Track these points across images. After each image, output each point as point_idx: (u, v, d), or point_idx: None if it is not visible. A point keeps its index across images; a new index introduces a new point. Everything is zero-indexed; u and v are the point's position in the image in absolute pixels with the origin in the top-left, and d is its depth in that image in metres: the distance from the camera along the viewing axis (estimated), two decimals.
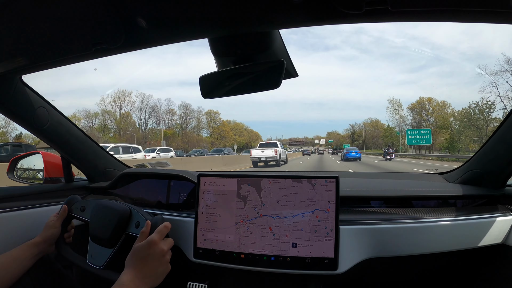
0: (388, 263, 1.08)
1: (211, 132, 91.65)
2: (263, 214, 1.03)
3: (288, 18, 0.72)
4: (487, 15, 0.63)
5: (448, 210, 1.15)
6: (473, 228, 1.06)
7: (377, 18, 0.67)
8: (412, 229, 1.04)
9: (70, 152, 1.51)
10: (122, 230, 1.06)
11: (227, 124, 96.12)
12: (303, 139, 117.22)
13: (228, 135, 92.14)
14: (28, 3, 0.72)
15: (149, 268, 0.90)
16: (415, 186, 1.33)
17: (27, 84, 1.24)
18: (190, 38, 0.83)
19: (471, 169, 1.31)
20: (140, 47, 0.88)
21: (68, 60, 0.97)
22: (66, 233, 1.17)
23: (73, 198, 1.21)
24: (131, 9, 0.73)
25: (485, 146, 1.23)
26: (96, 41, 0.83)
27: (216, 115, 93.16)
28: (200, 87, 0.92)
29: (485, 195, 1.21)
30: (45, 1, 0.72)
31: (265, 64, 0.85)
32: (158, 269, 0.91)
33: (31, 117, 1.27)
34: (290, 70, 0.96)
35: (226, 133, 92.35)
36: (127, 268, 0.90)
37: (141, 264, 0.89)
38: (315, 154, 70.32)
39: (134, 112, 74.05)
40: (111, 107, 71.91)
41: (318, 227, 0.98)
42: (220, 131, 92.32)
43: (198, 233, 1.08)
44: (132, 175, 1.54)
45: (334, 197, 0.99)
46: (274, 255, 1.00)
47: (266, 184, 1.05)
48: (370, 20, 0.68)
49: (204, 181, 1.10)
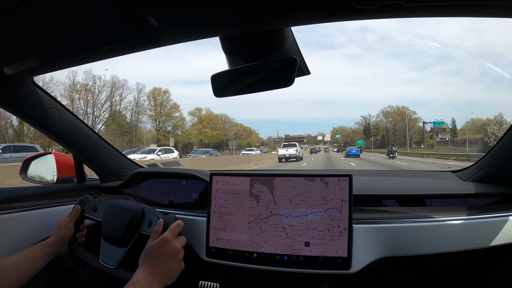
0: (401, 262, 1.06)
1: (157, 124, 65.41)
2: (275, 213, 1.03)
3: (301, 15, 0.72)
4: (502, 9, 0.62)
5: (462, 208, 1.13)
6: (488, 227, 1.04)
7: (391, 13, 0.66)
8: (425, 228, 1.02)
9: (82, 152, 1.52)
10: (134, 229, 1.06)
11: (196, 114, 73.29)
12: (303, 136, 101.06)
13: (196, 129, 69.88)
14: (38, 5, 0.72)
15: (162, 266, 0.90)
16: (428, 185, 1.31)
17: (38, 85, 1.26)
18: (202, 36, 0.83)
19: (485, 166, 1.28)
20: (151, 46, 0.88)
21: (80, 61, 0.98)
22: (79, 232, 1.18)
23: (85, 198, 1.22)
24: (142, 8, 0.73)
25: (500, 143, 1.21)
26: (107, 41, 0.83)
27: (165, 95, 66.09)
28: (212, 85, 0.91)
29: (500, 193, 1.18)
30: (55, 2, 0.72)
31: (278, 62, 0.85)
32: (172, 267, 0.92)
33: (43, 117, 1.29)
34: (303, 68, 0.95)
35: (182, 124, 67.41)
36: (140, 266, 0.90)
37: (154, 262, 0.90)
38: (321, 152, 65.37)
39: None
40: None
41: (331, 226, 0.98)
42: (168, 117, 66.20)
43: (211, 232, 1.08)
44: (143, 174, 1.55)
45: (347, 196, 0.98)
46: (287, 254, 1.00)
47: (279, 183, 1.04)
48: (383, 16, 0.67)
49: (216, 180, 1.10)
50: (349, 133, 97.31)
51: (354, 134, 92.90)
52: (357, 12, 0.66)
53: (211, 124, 74.67)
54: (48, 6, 0.73)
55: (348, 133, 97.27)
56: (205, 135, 71.32)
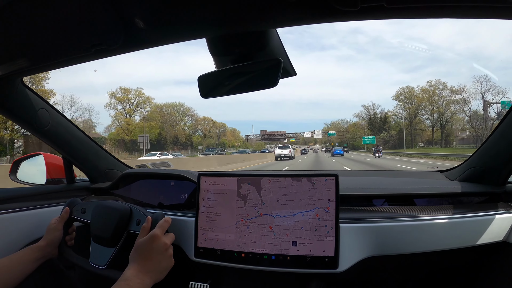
0: (389, 261, 1.08)
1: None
2: (263, 213, 1.03)
3: (285, 17, 0.72)
4: (484, 10, 0.63)
5: (450, 208, 1.15)
6: (475, 226, 1.06)
7: (373, 15, 0.67)
8: (413, 227, 1.04)
9: (72, 153, 1.51)
10: (123, 229, 1.07)
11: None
12: (284, 133, 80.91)
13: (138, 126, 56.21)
14: (27, 5, 0.72)
15: (152, 262, 0.90)
16: (416, 184, 1.33)
17: (28, 86, 1.25)
18: (188, 38, 0.83)
19: (472, 166, 1.30)
20: (139, 47, 0.89)
21: (68, 61, 0.98)
22: (68, 235, 1.18)
23: (73, 201, 1.21)
24: (130, 9, 0.73)
25: (486, 143, 1.23)
26: (95, 42, 0.84)
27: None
28: (198, 86, 0.92)
29: (487, 192, 1.20)
30: (44, 3, 0.72)
31: (263, 63, 0.85)
32: (162, 263, 0.92)
33: (33, 118, 1.28)
34: (288, 69, 0.96)
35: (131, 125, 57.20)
36: (131, 263, 0.90)
37: (144, 258, 0.90)
38: (311, 153, 60.22)
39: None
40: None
41: (318, 225, 0.99)
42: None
43: (199, 232, 1.09)
44: (133, 175, 1.54)
45: (334, 196, 0.99)
46: (275, 254, 1.00)
47: (266, 183, 1.05)
48: (366, 18, 0.68)
49: (204, 181, 1.11)
50: (347, 127, 79.12)
51: (356, 129, 74.06)
52: (340, 13, 0.66)
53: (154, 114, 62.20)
54: (37, 6, 0.73)
55: (347, 128, 79.11)
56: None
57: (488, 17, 0.64)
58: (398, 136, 63.13)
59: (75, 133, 1.48)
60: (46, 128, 1.34)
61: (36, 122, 1.29)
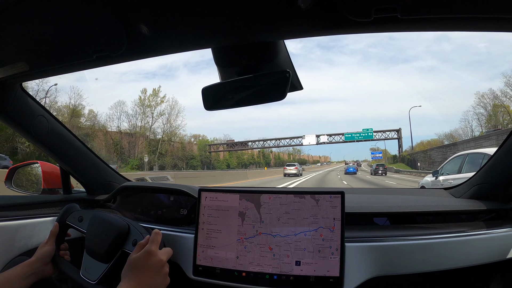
0: (395, 281, 1.05)
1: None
2: (262, 232, 0.99)
3: (295, 28, 0.71)
4: (503, 22, 0.61)
5: (456, 226, 1.13)
6: (482, 244, 1.04)
7: (386, 26, 0.66)
8: (419, 246, 1.01)
9: (69, 163, 1.49)
10: (118, 247, 1.03)
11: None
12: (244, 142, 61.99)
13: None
14: (28, 8, 0.71)
15: (147, 280, 0.86)
16: (421, 202, 1.30)
17: (27, 92, 1.24)
18: (194, 48, 0.82)
19: (478, 183, 1.28)
20: (142, 55, 0.87)
21: (69, 68, 0.96)
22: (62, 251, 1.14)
23: (71, 207, 1.18)
24: (134, 15, 0.72)
25: (492, 159, 1.21)
26: (97, 48, 0.82)
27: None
28: (202, 98, 0.89)
29: (494, 209, 1.18)
30: (45, 6, 0.71)
31: (270, 75, 0.83)
32: (156, 281, 0.87)
33: (30, 125, 1.26)
34: (295, 83, 0.93)
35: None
36: (123, 280, 0.86)
37: (138, 275, 0.85)
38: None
39: None
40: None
41: (322, 246, 0.94)
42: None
43: (198, 249, 1.05)
44: (131, 188, 1.51)
45: (339, 214, 0.95)
46: (277, 274, 0.96)
47: (265, 199, 1.01)
48: (379, 29, 0.67)
49: (205, 196, 1.07)
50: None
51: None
52: (353, 24, 0.65)
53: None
54: (38, 9, 0.72)
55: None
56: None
57: (506, 30, 0.63)
58: None
59: (73, 143, 1.46)
60: (44, 135, 1.32)
61: (34, 129, 1.28)
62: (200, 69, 70.76)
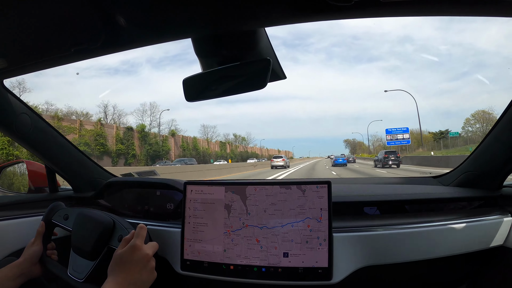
0: (385, 270, 1.05)
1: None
2: (248, 225, 0.98)
3: (275, 14, 0.69)
4: (486, 7, 0.61)
5: (445, 213, 1.13)
6: (471, 231, 1.04)
7: (367, 11, 0.64)
8: (408, 235, 1.01)
9: (54, 161, 1.46)
10: (104, 243, 1.01)
11: None
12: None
13: None
14: (3, 3, 0.68)
15: (133, 275, 0.84)
16: (410, 190, 1.31)
17: (9, 89, 1.21)
18: (173, 38, 0.80)
19: (467, 171, 1.29)
20: (121, 48, 0.84)
21: (48, 62, 0.94)
22: (49, 250, 1.12)
23: (56, 205, 1.16)
24: (110, 5, 0.70)
25: (480, 147, 1.22)
26: (74, 41, 0.80)
27: None
28: (183, 90, 0.88)
29: (482, 196, 1.19)
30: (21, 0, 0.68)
31: (251, 63, 0.82)
32: (143, 276, 0.86)
33: (13, 123, 1.23)
34: (278, 72, 0.92)
35: None
36: (109, 276, 0.84)
37: (124, 271, 0.84)
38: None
39: None
40: None
41: (309, 237, 0.94)
42: None
43: (185, 244, 1.04)
44: (117, 184, 1.49)
45: (326, 204, 0.94)
46: (265, 266, 0.95)
47: (251, 191, 1.00)
48: (360, 14, 0.66)
49: (190, 190, 1.06)
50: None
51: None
52: (334, 9, 0.64)
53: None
54: (14, 4, 0.69)
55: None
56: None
57: (490, 15, 0.63)
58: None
59: (58, 140, 1.43)
60: (27, 133, 1.29)
61: (17, 127, 1.25)
62: (164, 65, 69.33)
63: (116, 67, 55.07)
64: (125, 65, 56.49)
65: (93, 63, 59.08)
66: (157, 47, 68.53)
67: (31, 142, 1.34)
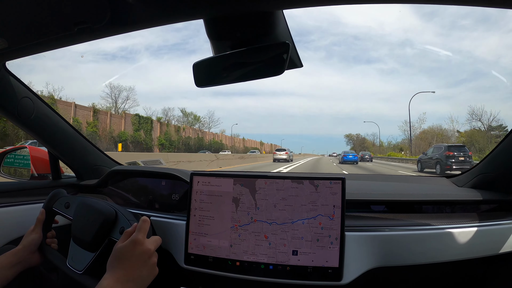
0: (396, 272, 1.02)
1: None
2: (257, 220, 0.94)
3: None
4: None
5: (459, 216, 1.10)
6: (486, 235, 1.00)
7: None
8: (420, 237, 0.97)
9: (57, 147, 1.44)
10: (105, 235, 0.98)
11: None
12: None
13: None
14: None
15: (133, 270, 0.80)
16: (423, 190, 1.27)
17: (11, 72, 1.18)
18: (184, 18, 0.75)
19: (482, 172, 1.25)
20: (127, 28, 0.80)
21: (51, 43, 0.90)
22: (49, 239, 1.09)
23: (58, 192, 1.13)
24: None
25: (498, 148, 1.18)
26: (78, 20, 0.75)
27: None
28: (193, 74, 0.82)
29: (498, 200, 1.15)
30: None
31: (268, 48, 0.76)
32: (143, 272, 0.82)
33: (15, 107, 1.21)
34: (294, 59, 0.87)
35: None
36: (108, 271, 0.80)
37: (124, 266, 0.80)
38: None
39: None
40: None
41: (321, 235, 0.89)
42: None
43: (190, 237, 1.00)
44: (122, 172, 1.46)
45: (339, 201, 0.90)
46: (273, 264, 0.91)
47: (261, 184, 0.95)
48: None
49: (197, 181, 1.01)
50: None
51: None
52: None
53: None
54: None
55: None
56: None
57: (485, 5, 0.60)
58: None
59: (61, 126, 1.40)
60: (30, 118, 1.27)
61: (19, 112, 1.22)
62: (162, 54, 69.31)
63: (114, 53, 55.28)
64: (123, 51, 56.85)
65: (90, 48, 59.22)
66: (156, 34, 69.11)
67: (34, 128, 1.32)
